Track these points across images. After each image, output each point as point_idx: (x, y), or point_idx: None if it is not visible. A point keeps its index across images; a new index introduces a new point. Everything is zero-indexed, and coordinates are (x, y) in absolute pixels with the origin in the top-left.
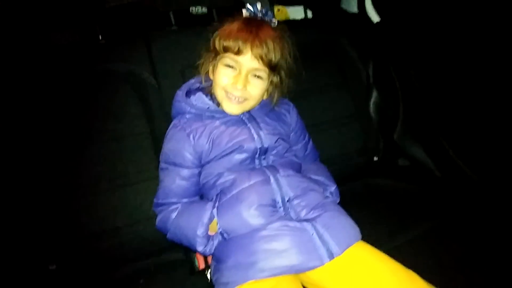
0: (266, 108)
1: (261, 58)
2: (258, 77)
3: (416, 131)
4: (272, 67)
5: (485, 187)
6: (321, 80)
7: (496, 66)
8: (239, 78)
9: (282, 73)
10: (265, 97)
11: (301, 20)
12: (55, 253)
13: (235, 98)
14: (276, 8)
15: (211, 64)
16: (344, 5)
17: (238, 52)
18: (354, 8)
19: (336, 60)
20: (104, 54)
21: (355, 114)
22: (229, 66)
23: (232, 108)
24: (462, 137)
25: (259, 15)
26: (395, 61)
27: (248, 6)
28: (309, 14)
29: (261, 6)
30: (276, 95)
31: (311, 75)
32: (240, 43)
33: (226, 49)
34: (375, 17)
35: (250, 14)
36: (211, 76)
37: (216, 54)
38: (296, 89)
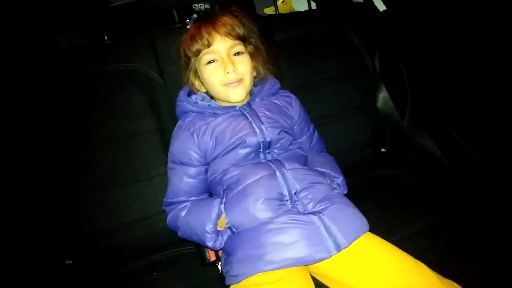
0: (266, 101)
1: (230, 34)
2: (238, 53)
3: (425, 121)
4: (242, 39)
5: (495, 176)
6: (327, 72)
7: (506, 55)
8: (225, 63)
9: (252, 41)
10: (254, 73)
11: (305, 11)
12: (71, 249)
13: (233, 83)
14: (280, 0)
15: (194, 76)
16: None
17: (209, 43)
18: None
19: (342, 51)
20: (110, 54)
21: (363, 105)
22: (209, 62)
23: (237, 93)
24: (472, 126)
25: (201, 14)
26: (403, 50)
27: (188, 20)
28: (313, 6)
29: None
30: (259, 65)
31: (317, 67)
32: (206, 36)
33: (198, 51)
34: (381, 6)
35: (193, 20)
36: (202, 89)
37: (192, 65)
38: (302, 81)
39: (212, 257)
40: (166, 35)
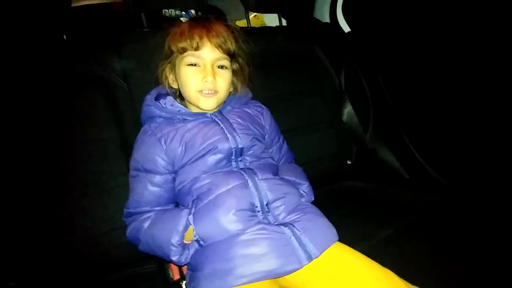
0: (238, 110)
1: (220, 47)
2: (222, 67)
3: (385, 135)
4: (231, 55)
5: (450, 188)
6: (296, 86)
7: (461, 72)
8: (207, 71)
9: (240, 60)
10: (231, 89)
11: (276, 27)
12: (15, 269)
13: (208, 93)
14: (253, 14)
15: (170, 70)
16: (316, 15)
17: (198, 47)
18: (326, 18)
19: (310, 67)
20: (70, 54)
21: (329, 119)
22: (192, 64)
23: (208, 102)
24: (427, 140)
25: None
26: (365, 68)
27: (185, 13)
28: (284, 22)
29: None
30: (239, 84)
31: (287, 81)
32: (197, 38)
33: (184, 49)
34: (345, 27)
35: (190, 15)
36: (174, 85)
37: (172, 59)
38: (272, 94)
39: (175, 275)
40: (132, 39)
